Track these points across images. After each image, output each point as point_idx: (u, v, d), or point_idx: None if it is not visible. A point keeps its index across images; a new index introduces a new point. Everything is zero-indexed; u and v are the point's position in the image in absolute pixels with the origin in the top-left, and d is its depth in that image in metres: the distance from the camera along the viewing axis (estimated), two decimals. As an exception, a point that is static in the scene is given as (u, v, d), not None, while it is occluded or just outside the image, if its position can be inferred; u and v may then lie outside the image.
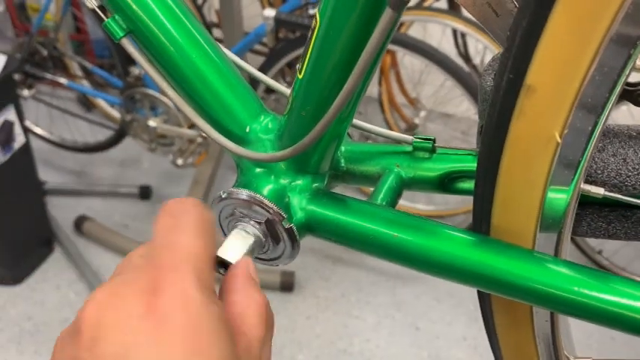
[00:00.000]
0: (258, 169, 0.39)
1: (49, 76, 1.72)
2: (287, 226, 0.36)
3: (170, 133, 1.63)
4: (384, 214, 0.36)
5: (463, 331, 1.52)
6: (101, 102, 1.96)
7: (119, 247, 1.68)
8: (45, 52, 1.72)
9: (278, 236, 0.37)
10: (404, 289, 1.64)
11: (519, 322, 0.37)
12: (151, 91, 1.58)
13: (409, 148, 0.40)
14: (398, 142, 0.41)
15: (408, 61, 1.84)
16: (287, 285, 1.60)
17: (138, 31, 0.38)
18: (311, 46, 0.33)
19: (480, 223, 0.34)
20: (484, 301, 0.38)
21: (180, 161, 1.59)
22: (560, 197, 0.31)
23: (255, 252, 0.36)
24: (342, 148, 0.41)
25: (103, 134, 1.87)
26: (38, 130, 1.96)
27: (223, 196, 0.37)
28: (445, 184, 0.39)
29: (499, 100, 0.29)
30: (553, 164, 0.29)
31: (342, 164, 0.41)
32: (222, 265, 0.36)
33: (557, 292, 0.30)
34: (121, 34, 0.38)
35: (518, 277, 0.31)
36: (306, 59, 0.34)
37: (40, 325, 1.48)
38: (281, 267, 1.63)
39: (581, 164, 0.30)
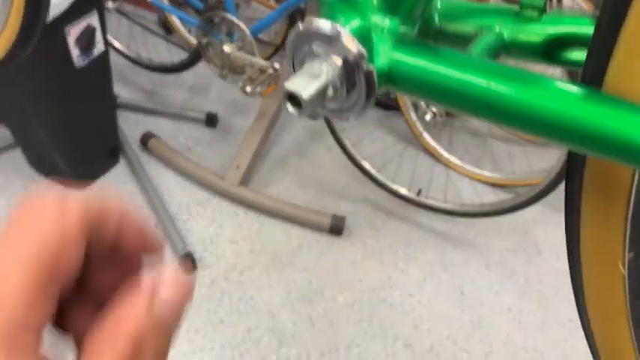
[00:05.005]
0: (343, 2, 0.34)
1: (134, -11, 1.74)
2: (367, 69, 0.33)
3: (243, 62, 1.62)
4: (479, 64, 0.31)
5: (510, 302, 1.47)
6: (179, 26, 1.98)
7: (180, 167, 1.72)
8: (133, -35, 1.74)
9: (354, 80, 0.33)
10: (454, 252, 1.59)
11: (613, 198, 0.32)
12: (229, 16, 1.57)
13: (515, 8, 0.35)
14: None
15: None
16: (336, 228, 1.58)
17: None
18: None
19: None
20: (574, 171, 0.33)
21: (249, 88, 1.58)
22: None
23: (326, 94, 0.33)
24: (439, 5, 0.37)
25: (178, 56, 1.90)
26: (117, 44, 2.00)
27: (301, 29, 0.34)
28: (551, 51, 0.34)
29: None
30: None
31: (436, 20, 0.37)
32: (291, 98, 0.34)
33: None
34: None
35: (631, 136, 0.27)
36: None
37: (97, 228, 1.54)
38: (332, 210, 1.62)
39: None
